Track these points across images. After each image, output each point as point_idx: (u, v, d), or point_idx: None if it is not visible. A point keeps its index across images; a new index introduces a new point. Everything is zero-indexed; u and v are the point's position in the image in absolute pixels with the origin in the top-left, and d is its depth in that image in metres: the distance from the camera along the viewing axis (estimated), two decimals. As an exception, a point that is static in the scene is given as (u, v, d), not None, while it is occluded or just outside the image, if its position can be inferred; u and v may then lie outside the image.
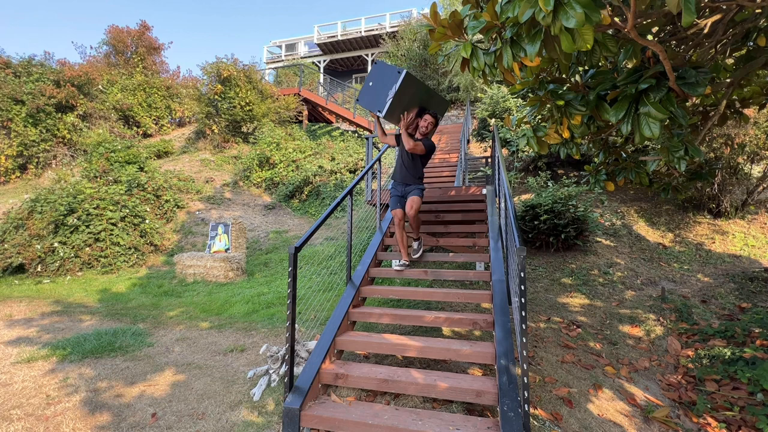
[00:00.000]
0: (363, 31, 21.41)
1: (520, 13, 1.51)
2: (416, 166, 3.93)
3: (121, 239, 7.81)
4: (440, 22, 1.96)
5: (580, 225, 5.81)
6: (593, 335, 3.98)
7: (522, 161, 9.03)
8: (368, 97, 3.72)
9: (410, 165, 3.92)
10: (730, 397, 2.94)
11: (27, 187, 11.67)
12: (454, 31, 1.95)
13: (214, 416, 2.73)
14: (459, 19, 1.93)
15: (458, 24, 1.93)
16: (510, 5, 1.58)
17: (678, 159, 2.21)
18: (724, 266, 5.49)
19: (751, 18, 2.02)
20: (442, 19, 1.96)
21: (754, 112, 5.64)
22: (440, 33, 1.97)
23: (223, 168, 12.87)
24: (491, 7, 1.72)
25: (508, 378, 2.38)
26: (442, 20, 1.96)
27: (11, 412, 2.81)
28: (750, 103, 2.59)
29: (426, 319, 3.29)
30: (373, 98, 3.67)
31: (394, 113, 3.65)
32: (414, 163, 3.92)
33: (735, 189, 6.57)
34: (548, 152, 3.19)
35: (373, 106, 3.66)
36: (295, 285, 2.55)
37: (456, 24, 1.93)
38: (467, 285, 4.91)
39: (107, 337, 4.13)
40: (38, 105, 12.43)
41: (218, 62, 13.39)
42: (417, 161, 3.92)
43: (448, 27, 1.94)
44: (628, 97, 1.94)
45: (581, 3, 1.34)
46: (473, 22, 1.88)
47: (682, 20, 1.30)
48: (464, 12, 1.99)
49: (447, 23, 1.94)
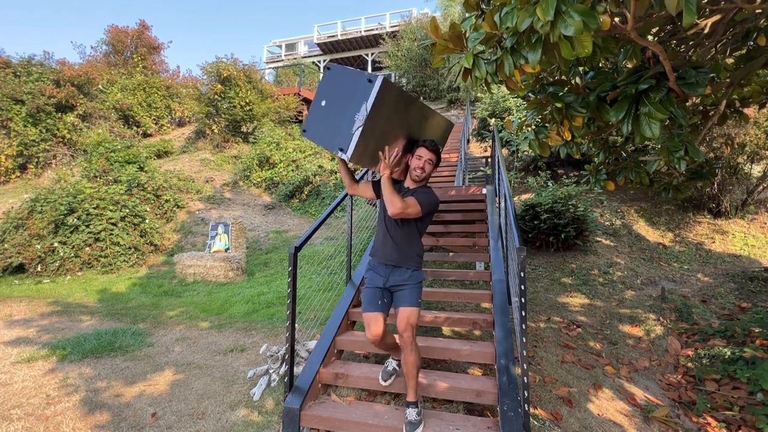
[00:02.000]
0: (363, 30, 21.41)
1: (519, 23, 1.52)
2: (410, 235, 2.38)
3: (121, 239, 7.81)
4: (441, 35, 1.96)
5: (580, 225, 5.81)
6: (593, 335, 3.98)
7: (522, 161, 9.03)
8: (321, 126, 2.26)
9: (400, 235, 2.36)
10: (730, 396, 2.94)
11: (27, 187, 11.67)
12: (455, 44, 1.95)
13: (214, 416, 2.73)
14: (459, 31, 1.93)
15: (459, 36, 1.94)
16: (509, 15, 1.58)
17: (678, 159, 2.21)
18: (724, 266, 5.49)
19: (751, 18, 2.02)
20: (442, 33, 1.96)
21: (754, 111, 5.64)
22: (442, 46, 1.97)
23: (223, 168, 12.87)
24: (490, 17, 1.72)
25: (508, 378, 2.38)
26: (442, 33, 1.96)
27: (11, 411, 2.81)
28: (750, 103, 2.59)
29: (426, 319, 3.29)
30: (329, 127, 2.21)
31: (366, 150, 2.16)
32: (406, 230, 2.37)
33: (735, 189, 6.57)
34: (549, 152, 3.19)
35: (331, 140, 2.19)
36: (295, 285, 2.55)
37: (456, 36, 1.94)
38: (467, 285, 4.92)
39: (107, 337, 4.13)
40: (38, 105, 12.42)
41: (218, 62, 13.38)
42: (412, 227, 2.37)
43: (449, 39, 1.95)
44: (628, 97, 1.94)
45: (579, 11, 1.35)
46: (474, 33, 1.89)
47: (683, 21, 1.30)
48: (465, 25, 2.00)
49: (448, 36, 1.95)
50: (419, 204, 2.23)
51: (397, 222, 2.36)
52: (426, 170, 2.32)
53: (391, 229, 2.39)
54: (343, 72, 2.22)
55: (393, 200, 2.15)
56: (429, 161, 2.32)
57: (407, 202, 2.19)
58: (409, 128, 2.36)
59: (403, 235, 2.37)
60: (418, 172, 2.32)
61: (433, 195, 2.34)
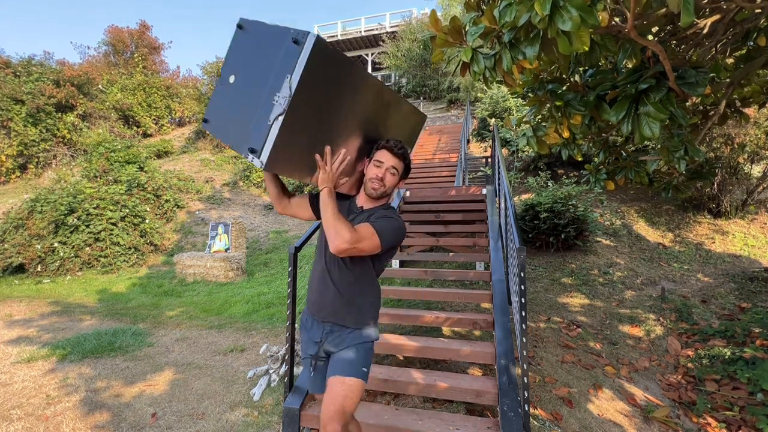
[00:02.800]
0: (363, 30, 21.41)
1: (517, 17, 1.53)
2: (362, 278, 1.61)
3: (121, 239, 7.82)
4: (441, 28, 1.97)
5: (580, 225, 5.81)
6: (593, 335, 3.98)
7: (522, 161, 9.03)
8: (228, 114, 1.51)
9: (346, 279, 1.59)
10: (730, 397, 2.94)
11: (27, 187, 11.67)
12: (454, 37, 1.96)
13: (214, 416, 2.73)
14: (459, 25, 1.94)
15: (458, 30, 1.95)
16: (507, 10, 1.59)
17: (678, 159, 2.21)
18: (724, 266, 5.50)
19: (751, 18, 2.02)
20: (442, 26, 1.97)
21: (754, 111, 5.64)
22: (441, 39, 1.98)
23: (223, 168, 12.88)
24: (489, 12, 1.73)
25: (508, 378, 2.38)
26: (442, 27, 1.97)
27: (11, 411, 2.81)
28: (750, 103, 2.59)
29: (426, 319, 3.29)
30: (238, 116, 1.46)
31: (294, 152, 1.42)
32: (356, 272, 1.60)
33: (735, 189, 6.57)
34: (549, 152, 3.18)
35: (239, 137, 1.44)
36: (296, 285, 2.55)
37: (456, 30, 1.94)
38: (467, 285, 4.91)
39: (107, 337, 4.13)
40: (38, 105, 12.44)
41: (218, 62, 13.42)
42: (366, 268, 1.61)
43: (448, 33, 1.96)
44: (628, 97, 1.94)
45: (576, 6, 1.36)
46: (473, 27, 1.89)
47: (681, 21, 1.30)
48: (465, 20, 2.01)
49: (447, 29, 1.96)
50: (378, 234, 1.43)
51: (344, 260, 1.55)
52: (387, 182, 1.56)
53: (333, 270, 1.57)
54: (260, 30, 1.42)
55: (338, 229, 1.36)
56: (392, 169, 1.55)
57: (360, 233, 1.39)
58: (362, 119, 1.56)
59: (351, 280, 1.55)
60: (375, 185, 1.55)
61: (398, 220, 1.54)
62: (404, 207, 5.37)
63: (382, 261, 1.62)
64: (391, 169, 1.57)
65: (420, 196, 5.57)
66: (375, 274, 1.63)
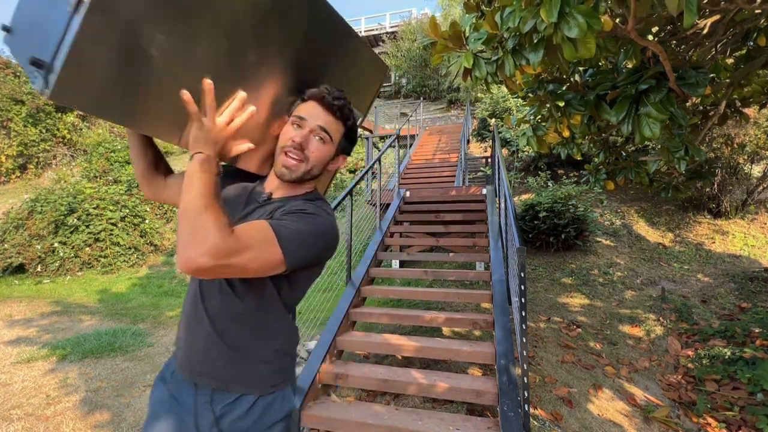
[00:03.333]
0: (363, 31, 21.38)
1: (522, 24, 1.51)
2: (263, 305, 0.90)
3: (121, 239, 7.81)
4: (441, 34, 1.95)
5: (580, 225, 5.81)
6: (593, 335, 3.98)
7: (522, 161, 9.03)
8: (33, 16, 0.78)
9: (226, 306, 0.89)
10: (730, 397, 2.94)
11: (27, 187, 11.67)
12: (455, 43, 1.94)
13: (214, 416, 2.73)
14: (459, 30, 1.92)
15: (458, 35, 1.93)
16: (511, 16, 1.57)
17: (678, 159, 2.21)
18: (724, 266, 5.50)
19: (751, 18, 2.02)
20: (442, 32, 1.96)
21: (754, 111, 5.64)
22: (441, 45, 1.96)
23: (223, 168, 12.88)
24: (491, 17, 1.71)
25: (508, 378, 2.38)
26: (442, 32, 1.96)
27: (11, 412, 2.81)
28: (750, 103, 2.59)
29: (426, 319, 3.29)
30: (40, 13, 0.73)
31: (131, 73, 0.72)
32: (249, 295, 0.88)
33: (735, 189, 6.57)
34: (549, 152, 3.18)
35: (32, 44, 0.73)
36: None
37: (456, 35, 1.92)
38: (467, 285, 4.91)
39: (107, 337, 4.13)
40: (38, 105, 12.43)
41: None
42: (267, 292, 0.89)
43: (448, 39, 1.94)
44: (628, 97, 1.94)
45: (582, 12, 1.34)
46: (474, 33, 1.87)
47: (684, 21, 1.30)
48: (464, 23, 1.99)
49: (448, 35, 1.94)
50: (279, 242, 0.79)
51: (229, 281, 0.89)
52: (312, 154, 0.93)
53: (210, 296, 0.91)
54: None
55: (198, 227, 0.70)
56: (321, 132, 0.92)
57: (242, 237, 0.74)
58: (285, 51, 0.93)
59: (239, 313, 0.90)
60: (292, 157, 0.92)
61: (326, 218, 0.91)
62: (404, 207, 5.36)
63: (296, 286, 0.94)
64: (318, 132, 0.91)
65: (420, 197, 5.57)
66: (282, 305, 0.93)
